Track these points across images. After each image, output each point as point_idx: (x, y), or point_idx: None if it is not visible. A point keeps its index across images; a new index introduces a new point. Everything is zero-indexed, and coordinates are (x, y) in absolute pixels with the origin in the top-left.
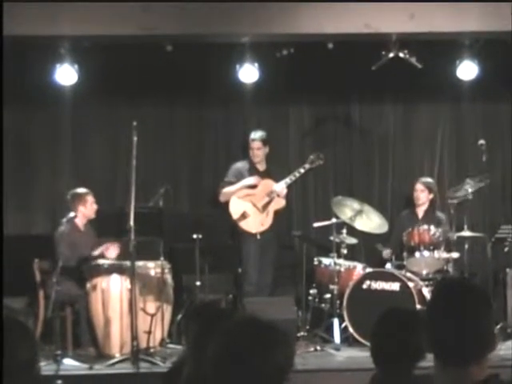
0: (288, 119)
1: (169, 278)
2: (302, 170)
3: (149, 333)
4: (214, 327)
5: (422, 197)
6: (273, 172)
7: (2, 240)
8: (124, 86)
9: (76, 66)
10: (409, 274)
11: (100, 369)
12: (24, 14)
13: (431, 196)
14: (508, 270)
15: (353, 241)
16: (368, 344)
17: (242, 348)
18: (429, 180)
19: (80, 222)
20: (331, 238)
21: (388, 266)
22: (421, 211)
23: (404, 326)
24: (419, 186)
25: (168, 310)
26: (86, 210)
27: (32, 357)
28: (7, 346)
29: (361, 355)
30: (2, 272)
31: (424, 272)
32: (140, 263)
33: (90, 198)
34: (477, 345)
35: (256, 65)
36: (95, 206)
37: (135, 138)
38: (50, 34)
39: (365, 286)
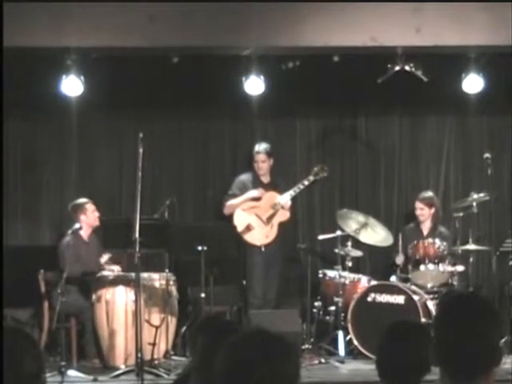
0: (294, 132)
1: (174, 289)
2: (307, 182)
3: (153, 344)
4: (222, 340)
5: (424, 213)
6: (279, 184)
7: (2, 250)
8: (130, 97)
9: (82, 78)
10: (414, 287)
11: (104, 380)
12: (30, 26)
13: (433, 210)
14: None
15: (358, 253)
16: (373, 357)
17: (250, 360)
18: (427, 195)
19: (85, 233)
20: (336, 250)
21: (393, 278)
22: (425, 228)
23: (410, 340)
24: (418, 205)
25: (173, 321)
26: (87, 219)
27: (37, 368)
28: (13, 358)
29: (365, 368)
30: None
31: (429, 285)
32: (145, 275)
33: (90, 206)
34: (484, 358)
35: (262, 77)
36: (96, 214)
37: (141, 150)
38: (57, 45)
39: (369, 299)
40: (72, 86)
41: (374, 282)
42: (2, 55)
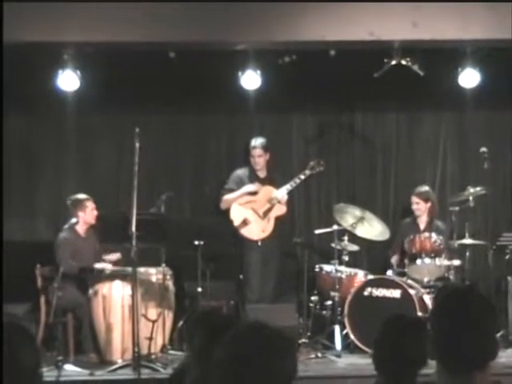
0: (291, 126)
1: (170, 284)
2: (303, 177)
3: (150, 339)
4: (218, 334)
5: (420, 208)
6: (276, 179)
7: (2, 246)
8: (126, 92)
9: (79, 72)
10: (410, 282)
11: (101, 375)
12: (27, 21)
13: (429, 205)
14: (509, 277)
15: (354, 248)
16: (369, 351)
17: (249, 354)
18: (423, 190)
19: (81, 228)
20: (333, 244)
21: (389, 273)
22: (422, 222)
23: (406, 334)
24: (414, 199)
25: (169, 316)
26: (85, 216)
27: (34, 362)
28: (10, 352)
29: (362, 362)
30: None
31: (425, 279)
32: (142, 269)
33: (90, 204)
34: (480, 352)
35: (258, 72)
36: (95, 212)
37: (137, 145)
38: (53, 40)
39: (366, 293)
40: (68, 80)
41: (370, 277)
42: (1, 51)
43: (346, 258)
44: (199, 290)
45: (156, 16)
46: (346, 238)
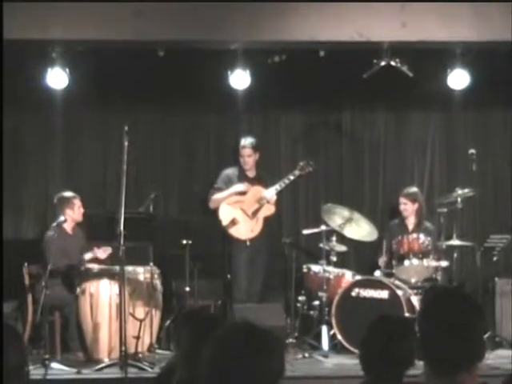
0: (279, 126)
1: (158, 283)
2: (292, 177)
3: (137, 338)
4: (206, 333)
5: (407, 209)
6: (264, 179)
7: (2, 246)
8: (115, 90)
9: (67, 70)
10: (398, 282)
11: (88, 373)
12: (15, 18)
13: (416, 206)
14: (497, 279)
15: (342, 248)
16: (356, 351)
17: (236, 353)
18: (411, 191)
19: (68, 226)
20: (321, 245)
21: (377, 273)
22: (410, 223)
23: (393, 334)
24: (402, 200)
25: (157, 315)
26: (73, 214)
27: (21, 361)
28: None
29: (349, 362)
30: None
31: (413, 280)
32: (129, 268)
33: (77, 202)
34: (467, 353)
35: (248, 71)
36: (82, 210)
37: (126, 143)
38: (42, 37)
39: (354, 294)
40: (57, 78)
41: (358, 277)
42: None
43: (334, 259)
44: (187, 289)
45: (145, 14)
46: (334, 238)
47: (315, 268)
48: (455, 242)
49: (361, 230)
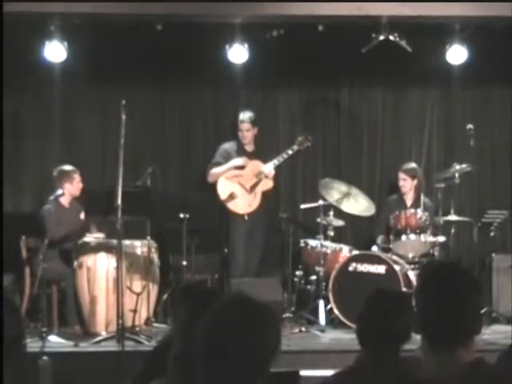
0: (277, 101)
1: (155, 257)
2: (290, 152)
3: (134, 311)
4: (202, 307)
5: (406, 185)
6: (262, 154)
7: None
8: (113, 64)
9: (65, 44)
10: (395, 257)
11: (85, 346)
12: None
13: (415, 182)
14: (494, 254)
15: (340, 223)
16: (353, 326)
17: (233, 326)
18: (410, 166)
19: (65, 199)
20: (318, 220)
21: (374, 248)
22: (409, 199)
23: (390, 309)
24: (401, 175)
25: (154, 289)
26: (71, 188)
27: (18, 333)
28: None
29: (346, 337)
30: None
31: (410, 255)
32: (127, 242)
33: (77, 177)
34: (464, 327)
35: (246, 45)
36: (81, 185)
37: (124, 117)
38: (40, 10)
39: (351, 269)
40: (55, 51)
41: (355, 252)
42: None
43: (331, 233)
44: (184, 263)
45: None
46: (331, 213)
47: (312, 243)
48: (452, 217)
49: (358, 204)
